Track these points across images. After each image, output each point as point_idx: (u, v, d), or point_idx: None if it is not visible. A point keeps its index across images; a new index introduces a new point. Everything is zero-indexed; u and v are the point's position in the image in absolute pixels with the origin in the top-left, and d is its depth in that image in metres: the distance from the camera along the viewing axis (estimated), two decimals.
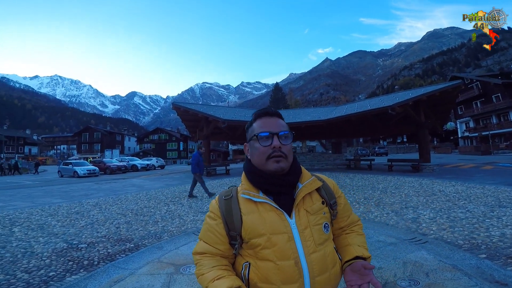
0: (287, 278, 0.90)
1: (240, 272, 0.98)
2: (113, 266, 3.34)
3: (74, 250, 3.99)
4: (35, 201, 9.24)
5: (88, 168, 22.11)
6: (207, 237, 1.03)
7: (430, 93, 15.20)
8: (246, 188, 1.02)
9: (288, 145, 1.01)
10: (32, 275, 3.10)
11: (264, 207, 0.97)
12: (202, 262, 0.99)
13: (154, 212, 6.70)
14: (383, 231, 4.44)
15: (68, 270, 3.26)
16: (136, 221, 5.81)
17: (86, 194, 10.74)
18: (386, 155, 42.50)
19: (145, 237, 4.63)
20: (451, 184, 9.29)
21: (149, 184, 14.15)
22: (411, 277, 2.78)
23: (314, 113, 23.42)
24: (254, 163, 1.03)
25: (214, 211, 1.04)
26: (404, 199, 7.07)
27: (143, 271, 3.17)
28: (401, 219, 5.18)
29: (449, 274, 2.79)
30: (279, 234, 0.93)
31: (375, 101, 19.50)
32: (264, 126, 1.01)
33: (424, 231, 4.43)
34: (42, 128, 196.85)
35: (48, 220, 6.00)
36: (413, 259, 3.21)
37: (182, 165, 50.61)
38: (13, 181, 19.17)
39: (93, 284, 2.82)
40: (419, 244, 3.79)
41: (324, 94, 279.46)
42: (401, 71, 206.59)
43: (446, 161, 22.21)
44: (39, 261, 3.54)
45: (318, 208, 1.01)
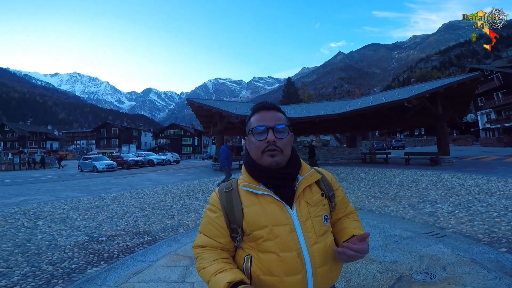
0: (290, 269, 0.91)
1: (242, 265, 0.98)
2: (132, 258, 3.45)
3: (95, 243, 4.14)
4: (57, 195, 9.61)
5: (106, 163, 22.76)
6: (207, 230, 1.03)
7: (448, 85, 14.76)
8: (247, 180, 1.03)
9: (284, 139, 1.00)
10: (56, 267, 3.23)
11: (265, 199, 0.98)
12: (203, 255, 1.00)
13: (170, 206, 6.85)
14: (399, 225, 4.38)
15: (90, 262, 3.39)
16: (153, 214, 5.96)
17: (105, 188, 11.07)
18: (403, 148, 41.54)
19: (162, 230, 4.75)
20: (472, 177, 9.02)
21: (165, 178, 14.43)
22: (428, 270, 2.74)
23: (328, 107, 23.11)
24: (252, 156, 1.05)
25: (214, 204, 1.04)
26: (421, 193, 6.94)
27: (160, 263, 3.26)
28: (418, 213, 5.10)
29: (467, 268, 2.73)
30: (281, 226, 0.94)
31: (390, 94, 19.07)
32: (260, 120, 1.02)
33: (442, 225, 4.35)
34: (62, 124, 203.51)
35: (70, 213, 6.23)
36: (430, 253, 3.16)
37: (197, 160, 51.30)
38: (36, 176, 19.99)
39: (113, 276, 2.93)
40: (436, 238, 3.73)
41: (338, 88, 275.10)
42: (417, 64, 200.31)
43: (467, 154, 21.49)
44: (62, 254, 3.68)
45: (318, 200, 1.02)
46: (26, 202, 8.12)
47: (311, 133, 25.15)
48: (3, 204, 7.74)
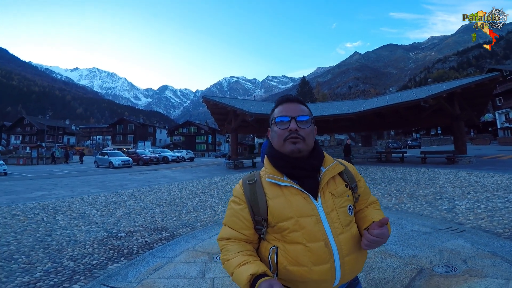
0: (318, 259, 0.92)
1: (268, 257, 0.99)
2: (151, 254, 3.46)
3: (114, 239, 4.19)
4: (75, 190, 9.84)
5: (122, 159, 23.16)
6: (232, 222, 1.04)
7: (465, 85, 14.61)
8: (271, 172, 1.03)
9: (307, 129, 1.01)
10: (77, 263, 3.26)
11: (289, 191, 0.98)
12: (227, 247, 1.00)
13: (186, 202, 6.89)
14: (417, 221, 4.38)
15: (110, 258, 3.42)
16: (170, 211, 6.00)
17: (121, 184, 11.27)
18: (419, 147, 40.67)
19: (179, 227, 4.78)
20: (490, 175, 8.93)
21: (180, 175, 14.57)
22: (448, 263, 2.74)
23: (343, 106, 22.83)
24: (274, 146, 1.06)
25: (238, 196, 1.06)
26: (438, 191, 6.90)
27: (180, 259, 3.26)
28: (435, 210, 5.10)
29: (489, 261, 2.73)
30: (306, 217, 0.95)
31: (407, 94, 18.80)
32: (283, 111, 1.04)
33: (461, 220, 4.36)
34: (79, 119, 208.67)
35: (88, 209, 6.34)
36: (450, 247, 3.17)
37: (210, 157, 51.71)
38: (53, 170, 20.57)
39: (134, 272, 2.94)
40: (455, 233, 3.73)
41: (353, 88, 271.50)
42: (435, 64, 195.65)
43: (484, 153, 20.87)
44: (82, 249, 3.73)
45: (342, 191, 1.03)
46: (44, 197, 8.33)
47: (325, 132, 24.87)
48: (23, 199, 7.98)
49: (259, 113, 17.99)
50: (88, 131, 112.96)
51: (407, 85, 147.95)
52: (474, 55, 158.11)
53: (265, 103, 27.91)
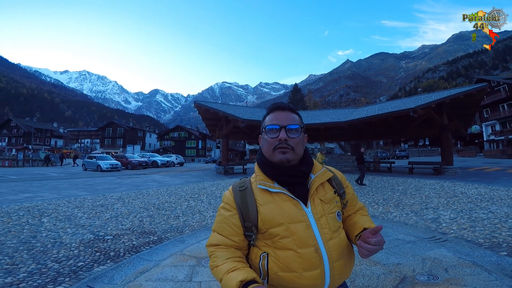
0: (308, 265, 0.93)
1: (258, 263, 0.99)
2: (138, 257, 3.44)
3: (100, 241, 4.14)
4: (61, 193, 9.63)
5: (111, 163, 22.80)
6: (221, 228, 1.04)
7: (454, 95, 14.89)
8: (262, 179, 1.05)
9: (296, 138, 1.03)
10: (62, 265, 3.22)
11: (280, 197, 1.00)
12: (216, 253, 1.00)
13: (175, 207, 6.85)
14: (402, 230, 4.50)
15: (96, 260, 3.38)
16: (158, 215, 5.96)
17: (109, 188, 11.10)
18: (407, 158, 41.35)
19: (167, 231, 4.75)
20: (474, 187, 9.18)
21: (169, 180, 14.44)
22: (430, 272, 2.83)
23: (334, 114, 23.10)
24: (264, 153, 1.07)
25: (229, 202, 1.06)
26: (424, 201, 7.07)
27: (167, 263, 3.26)
28: (420, 219, 5.23)
29: (469, 270, 2.83)
30: (297, 223, 0.96)
31: (396, 103, 19.13)
32: (274, 119, 1.05)
33: (444, 230, 4.48)
34: (68, 122, 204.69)
35: (75, 212, 6.24)
36: (432, 256, 3.26)
37: (201, 163, 51.37)
38: (40, 173, 20.10)
39: (120, 275, 2.93)
40: (438, 242, 3.84)
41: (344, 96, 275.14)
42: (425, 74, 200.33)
43: (470, 165, 21.44)
44: (68, 251, 3.68)
45: (331, 197, 1.05)
46: (30, 199, 8.14)
47: (316, 140, 25.09)
48: (7, 201, 7.76)
49: (251, 119, 18.06)
50: (77, 134, 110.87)
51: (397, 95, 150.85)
52: (463, 65, 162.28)
53: (257, 109, 28.04)
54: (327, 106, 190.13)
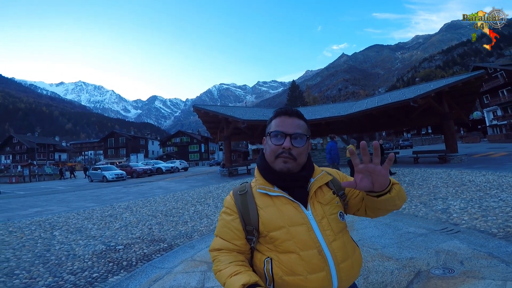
0: (312, 267, 0.93)
1: (263, 269, 0.99)
2: (150, 266, 3.49)
3: (112, 251, 4.20)
4: (70, 205, 9.74)
5: (116, 173, 22.93)
6: (223, 233, 1.05)
7: (452, 84, 14.91)
8: (261, 183, 1.06)
9: (300, 148, 1.02)
10: (78, 277, 3.29)
11: (280, 201, 1.01)
12: (219, 258, 1.01)
13: (182, 212, 6.90)
14: (413, 223, 4.41)
15: (110, 271, 3.44)
16: (166, 221, 6.02)
17: (116, 197, 11.19)
18: (411, 147, 41.25)
19: (177, 237, 4.80)
20: (482, 174, 9.00)
21: (174, 186, 14.52)
22: (445, 265, 2.76)
23: (334, 109, 23.09)
24: (266, 158, 1.08)
25: (230, 207, 1.07)
26: (432, 191, 6.95)
27: (179, 269, 3.30)
28: (430, 210, 5.13)
29: (485, 262, 2.75)
30: (298, 226, 0.97)
31: (396, 94, 19.10)
32: (280, 125, 1.03)
33: (455, 221, 4.38)
34: (69, 135, 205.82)
35: (85, 223, 6.31)
36: (446, 249, 3.18)
37: (204, 166, 51.46)
38: (47, 187, 20.29)
39: (134, 284, 2.98)
40: (451, 234, 3.75)
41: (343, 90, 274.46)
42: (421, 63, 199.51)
43: (475, 151, 21.26)
44: (82, 263, 3.74)
45: (330, 198, 1.05)
46: (40, 213, 8.26)
47: (317, 135, 25.11)
48: (18, 216, 7.90)
49: (251, 119, 18.09)
50: (79, 146, 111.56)
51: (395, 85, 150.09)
52: (458, 53, 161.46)
53: (257, 109, 28.06)
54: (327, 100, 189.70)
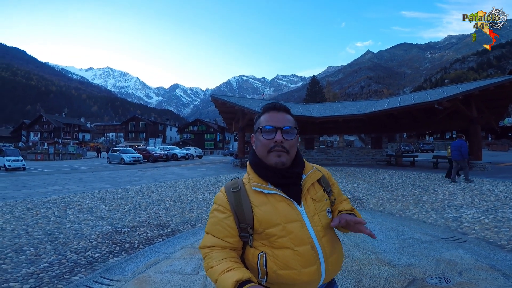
0: (306, 262, 0.97)
1: (256, 263, 1.00)
2: (151, 249, 3.58)
3: (118, 233, 4.33)
4: (86, 185, 10.12)
5: (133, 156, 23.56)
6: (216, 230, 1.04)
7: (483, 87, 14.02)
8: (256, 180, 1.05)
9: (291, 140, 1.04)
10: (80, 256, 3.41)
11: (275, 198, 1.02)
12: (211, 254, 1.00)
13: (190, 200, 7.02)
14: (419, 229, 4.33)
15: (111, 252, 3.55)
16: (174, 207, 6.14)
17: (130, 180, 11.52)
18: (433, 151, 39.77)
19: (181, 223, 4.90)
20: (504, 184, 8.60)
21: (187, 173, 14.77)
22: (443, 275, 2.71)
23: (353, 106, 22.58)
24: (258, 154, 1.08)
25: (223, 204, 1.06)
26: (447, 198, 6.75)
27: (177, 255, 3.37)
28: (440, 218, 5.02)
29: (485, 274, 2.69)
30: (292, 222, 0.99)
31: (420, 95, 18.37)
32: (270, 120, 1.05)
33: (465, 230, 4.27)
34: (94, 117, 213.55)
35: (97, 204, 6.55)
36: (448, 258, 3.12)
37: (219, 155, 51.99)
38: (68, 166, 21.16)
39: (132, 266, 3.06)
40: (456, 243, 3.67)
41: (365, 88, 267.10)
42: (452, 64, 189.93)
43: (502, 159, 20.24)
44: (87, 243, 3.88)
45: (321, 195, 1.09)
46: (58, 191, 8.63)
47: (334, 133, 24.67)
48: (38, 193, 8.28)
49: None
50: (102, 128, 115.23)
51: (422, 86, 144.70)
52: (495, 55, 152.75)
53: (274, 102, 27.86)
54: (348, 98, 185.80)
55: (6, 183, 10.68)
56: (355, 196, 7.24)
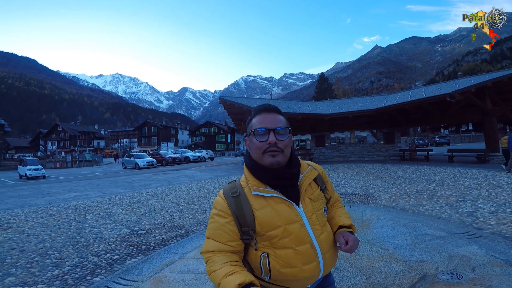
0: (306, 259, 1.03)
1: (259, 263, 1.05)
2: (166, 250, 3.72)
3: (135, 236, 4.50)
4: (103, 191, 10.44)
5: (147, 160, 24.07)
6: (217, 235, 1.05)
7: (497, 79, 13.62)
8: (254, 184, 1.07)
9: (285, 141, 1.06)
10: (100, 258, 3.59)
11: (274, 201, 1.04)
12: (213, 258, 1.01)
13: (203, 201, 7.17)
14: (433, 225, 4.23)
15: (129, 254, 3.71)
16: (187, 209, 6.30)
17: (145, 184, 11.80)
18: (448, 145, 38.75)
19: (194, 224, 5.03)
20: None
21: (200, 175, 14.99)
22: (455, 271, 2.65)
23: (363, 102, 22.34)
24: (253, 157, 1.10)
25: (223, 210, 1.07)
26: (462, 192, 6.58)
27: (191, 255, 3.49)
28: (455, 213, 4.90)
29: (499, 270, 2.61)
30: (293, 224, 1.03)
31: (431, 89, 18.00)
32: (262, 122, 1.07)
33: (480, 225, 4.17)
34: (107, 123, 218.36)
35: (114, 208, 6.78)
36: (461, 253, 3.05)
37: (230, 157, 52.28)
38: (85, 172, 21.80)
39: (148, 267, 3.21)
40: (471, 238, 3.57)
41: (376, 83, 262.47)
42: (464, 57, 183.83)
43: None
44: (106, 246, 4.07)
45: (318, 194, 1.13)
46: (77, 197, 8.97)
47: (345, 129, 24.48)
48: (58, 200, 8.65)
49: None
50: (116, 134, 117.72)
51: (434, 79, 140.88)
52: (508, 46, 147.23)
53: (281, 101, 27.89)
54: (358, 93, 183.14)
55: (28, 191, 11.16)
56: (367, 193, 7.19)
